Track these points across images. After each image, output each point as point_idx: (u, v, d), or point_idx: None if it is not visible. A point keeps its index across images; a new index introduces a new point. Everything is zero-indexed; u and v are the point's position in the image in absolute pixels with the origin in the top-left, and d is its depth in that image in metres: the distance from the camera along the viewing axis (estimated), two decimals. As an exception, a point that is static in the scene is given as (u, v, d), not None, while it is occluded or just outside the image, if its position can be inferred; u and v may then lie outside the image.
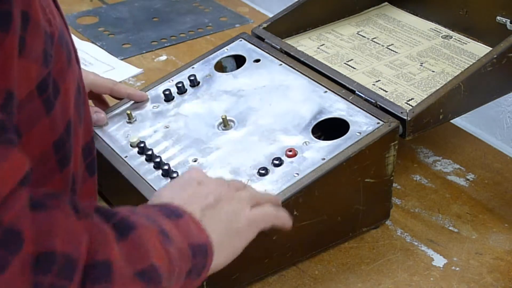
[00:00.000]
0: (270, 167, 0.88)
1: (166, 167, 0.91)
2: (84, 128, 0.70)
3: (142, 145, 0.96)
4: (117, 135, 1.00)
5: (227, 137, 0.95)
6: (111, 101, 1.08)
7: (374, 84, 1.02)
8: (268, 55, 1.07)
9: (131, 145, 0.97)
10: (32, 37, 0.56)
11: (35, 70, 0.58)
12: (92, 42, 1.45)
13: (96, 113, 1.02)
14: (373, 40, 1.15)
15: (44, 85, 0.59)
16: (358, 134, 0.90)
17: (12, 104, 0.53)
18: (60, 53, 0.62)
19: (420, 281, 0.89)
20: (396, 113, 0.92)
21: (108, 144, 0.99)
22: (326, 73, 1.01)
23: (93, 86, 1.02)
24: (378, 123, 0.91)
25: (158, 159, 0.92)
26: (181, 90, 1.04)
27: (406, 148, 1.12)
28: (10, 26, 0.52)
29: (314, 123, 0.93)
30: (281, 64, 1.04)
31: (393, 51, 1.11)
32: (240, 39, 1.12)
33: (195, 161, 0.92)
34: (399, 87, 1.01)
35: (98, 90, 1.04)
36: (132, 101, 1.05)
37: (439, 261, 0.92)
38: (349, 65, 1.08)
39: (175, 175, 0.89)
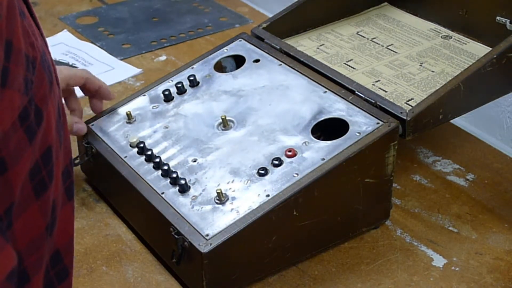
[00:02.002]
0: (269, 167, 0.88)
1: (165, 167, 0.91)
2: (64, 151, 0.69)
3: (141, 145, 0.96)
4: (117, 135, 1.00)
5: (227, 137, 0.95)
6: (113, 99, 1.08)
7: (373, 84, 1.02)
8: (267, 55, 1.07)
9: (130, 145, 0.97)
10: (15, 65, 0.55)
11: (18, 99, 0.56)
12: (92, 42, 1.45)
13: (76, 123, 1.02)
14: (373, 40, 1.15)
15: (25, 113, 0.58)
16: (357, 134, 0.90)
17: None
18: (42, 77, 0.61)
19: (420, 281, 0.89)
20: (396, 113, 0.91)
21: (107, 144, 0.99)
22: (325, 73, 1.01)
23: (70, 79, 1.01)
24: (378, 123, 0.91)
25: (157, 159, 0.92)
26: (181, 90, 1.04)
27: (406, 148, 1.12)
28: None
29: (314, 123, 0.93)
30: (280, 64, 1.04)
31: (392, 51, 1.11)
32: (240, 39, 1.12)
33: (194, 161, 0.92)
34: (399, 87, 1.01)
35: (75, 81, 1.03)
36: (133, 100, 1.05)
37: (438, 261, 0.92)
38: (349, 65, 1.08)
39: (174, 175, 0.89)
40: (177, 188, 0.89)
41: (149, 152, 0.94)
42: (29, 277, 0.63)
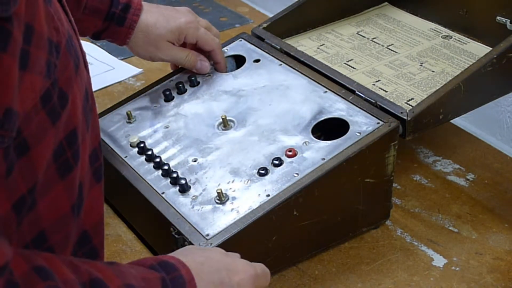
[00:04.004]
0: (270, 167, 0.88)
1: (166, 167, 0.91)
2: (92, 134, 0.70)
3: (142, 145, 0.96)
4: (117, 135, 1.00)
5: (227, 137, 0.95)
6: (113, 99, 1.08)
7: (374, 84, 1.02)
8: (268, 55, 1.07)
9: (131, 145, 0.97)
10: (37, 49, 0.57)
11: (39, 82, 0.58)
12: (92, 42, 1.45)
13: (201, 61, 1.04)
14: (373, 40, 1.15)
15: (47, 96, 0.59)
16: (358, 134, 0.90)
17: (11, 121, 0.54)
18: (67, 61, 0.62)
19: (420, 281, 0.89)
20: (396, 113, 0.92)
21: (108, 144, 0.99)
22: (326, 73, 1.01)
23: (180, 34, 1.03)
24: (378, 123, 0.91)
25: (158, 159, 0.92)
26: (181, 90, 1.04)
27: (406, 148, 1.12)
28: (8, 45, 0.52)
29: (314, 123, 0.93)
30: (281, 64, 1.04)
31: (393, 51, 1.11)
32: (240, 39, 1.12)
33: (195, 161, 0.92)
34: (399, 87, 1.01)
35: (204, 47, 1.05)
36: (133, 100, 1.05)
37: (439, 261, 0.92)
38: (349, 65, 1.08)
39: (175, 175, 0.89)
40: (178, 188, 0.89)
41: (150, 152, 0.94)
42: None
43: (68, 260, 0.60)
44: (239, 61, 1.09)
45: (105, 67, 1.36)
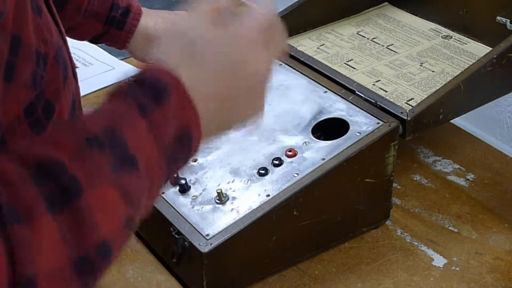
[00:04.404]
0: (270, 167, 0.88)
1: (166, 167, 0.91)
2: None
3: (142, 145, 0.96)
4: (117, 135, 1.00)
5: (227, 137, 0.94)
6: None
7: (374, 84, 1.02)
8: (268, 55, 1.07)
9: (131, 145, 0.97)
10: (23, 60, 0.56)
11: (23, 94, 0.57)
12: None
13: None
14: (373, 40, 1.15)
15: (31, 108, 0.59)
16: (358, 134, 0.90)
17: None
18: (56, 72, 0.62)
19: (420, 281, 0.89)
20: (396, 113, 0.92)
21: (108, 144, 0.99)
22: (326, 73, 1.01)
23: None
24: (378, 123, 0.91)
25: (158, 159, 0.92)
26: (181, 90, 1.04)
27: (406, 148, 1.12)
28: None
29: (314, 123, 0.93)
30: (281, 64, 1.04)
31: (393, 51, 1.11)
32: (240, 39, 1.12)
33: (195, 161, 0.92)
34: (399, 87, 1.01)
35: None
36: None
37: (439, 261, 0.92)
38: (349, 65, 1.08)
39: (174, 175, 0.89)
40: (177, 188, 0.89)
41: (149, 152, 0.94)
42: None
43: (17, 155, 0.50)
44: (239, 61, 1.09)
45: (105, 67, 1.36)
